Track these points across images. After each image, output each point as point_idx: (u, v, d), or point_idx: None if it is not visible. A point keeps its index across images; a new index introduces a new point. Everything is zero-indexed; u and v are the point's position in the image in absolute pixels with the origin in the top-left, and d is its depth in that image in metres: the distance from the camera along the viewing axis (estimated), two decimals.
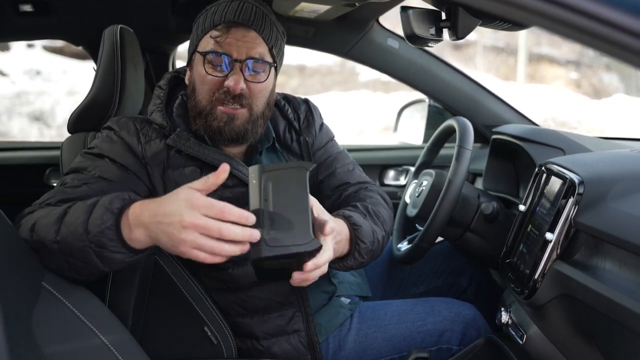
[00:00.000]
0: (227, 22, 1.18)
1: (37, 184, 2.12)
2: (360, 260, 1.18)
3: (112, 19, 1.54)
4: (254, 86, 1.20)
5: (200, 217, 0.87)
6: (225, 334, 1.26)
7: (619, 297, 0.86)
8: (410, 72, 2.08)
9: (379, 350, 1.33)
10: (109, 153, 1.18)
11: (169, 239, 0.89)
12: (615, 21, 0.56)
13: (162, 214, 0.90)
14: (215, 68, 1.19)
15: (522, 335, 1.21)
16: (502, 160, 1.75)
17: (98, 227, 0.92)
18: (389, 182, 2.34)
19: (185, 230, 0.87)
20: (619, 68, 10.55)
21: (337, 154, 1.45)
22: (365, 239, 1.17)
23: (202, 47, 1.21)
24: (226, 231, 0.87)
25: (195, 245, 0.87)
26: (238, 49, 1.17)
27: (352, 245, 1.17)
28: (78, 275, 0.97)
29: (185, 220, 0.87)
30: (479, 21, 1.06)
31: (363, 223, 1.18)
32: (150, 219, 0.91)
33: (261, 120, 1.26)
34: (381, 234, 1.24)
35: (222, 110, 1.20)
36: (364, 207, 1.27)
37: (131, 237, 0.93)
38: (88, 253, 0.93)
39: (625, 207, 0.97)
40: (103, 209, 0.93)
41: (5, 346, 0.65)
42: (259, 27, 1.19)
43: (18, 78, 8.71)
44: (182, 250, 0.89)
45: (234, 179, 1.23)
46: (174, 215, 0.88)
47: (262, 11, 1.21)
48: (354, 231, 1.16)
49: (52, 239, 0.95)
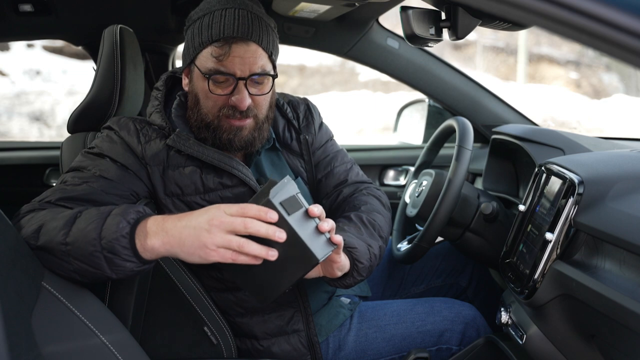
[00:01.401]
0: (226, 37, 1.15)
1: (37, 183, 2.12)
2: (359, 279, 1.18)
3: (112, 18, 1.54)
4: (258, 98, 1.21)
5: (226, 215, 0.92)
6: (225, 334, 1.26)
7: (618, 297, 0.86)
8: (410, 72, 2.08)
9: (378, 350, 1.33)
10: (110, 153, 1.18)
11: (195, 241, 0.92)
12: (615, 21, 0.57)
13: (189, 219, 0.95)
14: (219, 86, 1.18)
15: (522, 335, 1.21)
16: (502, 160, 1.75)
17: (113, 234, 0.93)
18: (388, 182, 2.34)
19: (212, 228, 0.91)
20: (618, 68, 10.55)
21: (336, 152, 1.45)
22: (362, 259, 1.16)
23: (202, 63, 1.18)
24: (250, 224, 0.91)
25: (220, 242, 0.91)
26: (241, 66, 1.16)
27: (350, 266, 1.16)
28: (82, 278, 0.98)
29: (213, 219, 0.92)
30: (479, 21, 1.06)
31: (358, 244, 1.17)
32: (175, 223, 0.94)
33: (266, 124, 1.26)
34: (377, 246, 1.23)
35: (231, 123, 1.20)
36: (358, 218, 1.26)
37: (146, 246, 0.94)
38: (98, 259, 0.93)
39: (625, 207, 0.97)
40: (120, 218, 0.94)
41: (5, 345, 0.65)
42: (258, 37, 1.17)
43: (18, 78, 8.71)
44: (207, 252, 0.92)
45: (233, 179, 1.24)
46: (201, 217, 0.93)
47: (257, 16, 1.19)
48: (349, 254, 1.15)
49: (60, 241, 0.95)
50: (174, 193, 1.22)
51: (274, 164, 1.36)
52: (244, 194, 1.25)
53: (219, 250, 0.92)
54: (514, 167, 1.74)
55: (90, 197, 1.10)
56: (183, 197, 1.23)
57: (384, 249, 1.27)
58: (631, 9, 0.56)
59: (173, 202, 1.23)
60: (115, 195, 1.13)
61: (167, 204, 1.23)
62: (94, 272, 0.95)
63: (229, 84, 1.17)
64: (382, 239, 1.27)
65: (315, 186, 1.42)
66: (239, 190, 1.24)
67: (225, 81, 1.17)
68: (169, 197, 1.22)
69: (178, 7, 1.95)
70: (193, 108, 1.24)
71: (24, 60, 8.88)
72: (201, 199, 1.23)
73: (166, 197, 1.22)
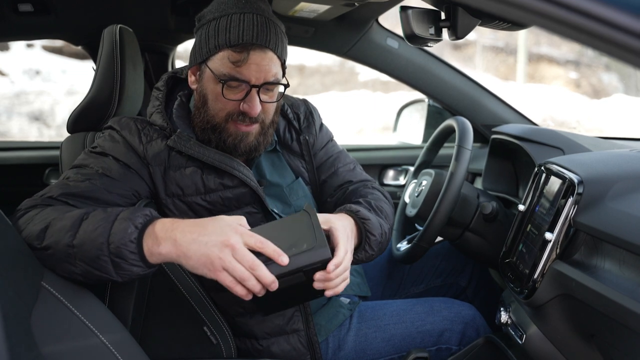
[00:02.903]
0: (245, 43, 1.14)
1: (36, 183, 2.12)
2: (371, 253, 1.20)
3: (112, 18, 1.54)
4: (267, 105, 1.21)
5: (242, 244, 0.94)
6: (225, 333, 1.26)
7: (618, 296, 0.86)
8: (409, 71, 2.08)
9: (378, 350, 1.33)
10: (112, 152, 1.18)
11: (203, 256, 0.93)
12: (614, 21, 0.57)
13: (200, 232, 0.94)
14: (232, 90, 1.17)
15: (521, 335, 1.21)
16: (502, 160, 1.75)
17: (121, 239, 0.93)
18: (388, 181, 2.34)
19: (225, 249, 0.92)
20: (618, 68, 10.55)
21: (338, 153, 1.45)
22: (375, 231, 1.19)
23: (217, 66, 1.17)
24: (257, 266, 0.93)
25: (228, 267, 0.92)
26: (257, 74, 1.15)
27: (361, 238, 1.18)
28: (86, 280, 0.97)
29: (229, 241, 0.93)
30: (478, 21, 1.06)
31: (370, 216, 1.20)
32: (185, 235, 0.94)
33: (271, 129, 1.27)
34: (387, 226, 1.26)
35: (238, 127, 1.20)
36: (367, 202, 1.29)
37: (153, 251, 0.95)
38: (105, 262, 0.94)
39: (625, 206, 0.97)
40: (128, 222, 0.94)
41: (5, 345, 0.65)
42: (275, 45, 1.17)
43: (17, 78, 8.71)
44: (212, 271, 0.93)
45: (234, 179, 1.24)
46: (215, 235, 0.94)
47: (273, 22, 1.18)
48: (362, 224, 1.18)
49: (67, 243, 0.94)
50: (174, 193, 1.22)
51: (275, 165, 1.36)
52: (245, 195, 1.25)
53: (223, 272, 0.93)
54: (514, 167, 1.74)
55: (93, 195, 1.10)
56: (184, 197, 1.23)
57: (390, 233, 1.29)
58: (630, 8, 0.56)
59: (174, 203, 1.23)
60: (117, 194, 1.13)
61: (168, 204, 1.23)
62: (99, 275, 0.95)
63: (242, 89, 1.17)
64: (389, 225, 1.29)
65: (318, 187, 1.42)
66: (239, 191, 1.24)
67: (238, 86, 1.17)
68: (169, 198, 1.23)
69: (178, 7, 1.95)
70: (200, 108, 1.23)
71: (23, 60, 8.88)
72: (202, 199, 1.23)
73: (167, 197, 1.22)
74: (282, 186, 1.35)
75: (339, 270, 1.01)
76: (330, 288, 1.02)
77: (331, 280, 1.01)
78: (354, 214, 1.19)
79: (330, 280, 1.01)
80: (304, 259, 0.98)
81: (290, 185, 1.36)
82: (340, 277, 1.03)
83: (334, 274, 1.00)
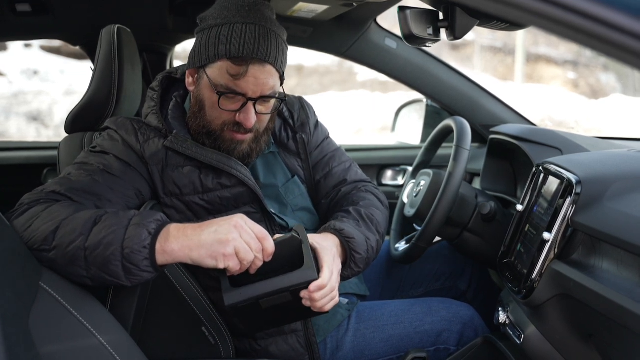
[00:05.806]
0: (245, 57, 1.13)
1: (34, 183, 2.10)
2: (357, 270, 1.21)
3: (110, 18, 1.53)
4: (263, 115, 1.22)
5: (249, 228, 0.98)
6: (223, 334, 1.25)
7: (616, 296, 0.86)
8: (408, 71, 2.08)
9: (376, 351, 1.33)
10: (112, 150, 1.19)
11: (215, 237, 0.95)
12: (612, 21, 0.57)
13: (210, 224, 0.99)
14: (229, 101, 1.18)
15: (519, 335, 1.21)
16: (500, 160, 1.75)
17: (136, 245, 0.93)
18: (386, 182, 2.34)
19: (234, 229, 0.96)
20: (616, 68, 10.56)
21: (334, 152, 1.45)
22: (360, 249, 1.19)
23: (215, 75, 1.17)
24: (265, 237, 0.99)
25: (236, 245, 0.95)
26: (254, 87, 1.16)
27: (347, 257, 1.19)
28: (93, 284, 0.97)
29: (237, 224, 0.97)
30: (477, 21, 1.06)
31: (356, 234, 1.20)
32: (195, 230, 0.98)
33: (265, 136, 1.28)
34: (375, 239, 1.26)
35: (233, 135, 1.22)
36: (356, 212, 1.28)
37: (165, 248, 0.95)
38: (116, 267, 0.94)
39: (623, 206, 0.97)
40: (142, 229, 0.95)
41: (3, 346, 0.65)
42: (275, 59, 1.17)
43: (15, 78, 8.69)
44: (223, 252, 0.95)
45: (232, 179, 1.24)
46: (224, 222, 0.98)
47: (275, 33, 1.17)
48: (347, 244, 1.18)
49: (79, 246, 0.94)
50: (172, 193, 1.22)
51: (269, 166, 1.36)
52: (243, 195, 1.25)
53: (229, 255, 0.95)
54: (512, 167, 1.74)
55: (96, 191, 1.09)
56: (182, 196, 1.23)
57: (381, 243, 1.29)
58: (628, 8, 0.56)
59: (172, 202, 1.23)
60: (120, 192, 1.13)
61: (167, 203, 1.23)
62: (108, 280, 0.95)
63: (238, 100, 1.18)
64: (379, 234, 1.29)
65: (314, 186, 1.42)
66: (237, 190, 1.24)
67: (234, 98, 1.17)
68: (168, 197, 1.23)
69: (176, 7, 1.95)
70: (197, 113, 1.23)
71: (21, 60, 8.86)
72: (200, 199, 1.23)
73: (165, 196, 1.22)
74: (278, 186, 1.35)
75: (324, 291, 1.02)
76: (317, 308, 1.04)
77: (316, 301, 1.02)
78: (339, 232, 1.19)
79: (315, 300, 1.02)
80: (289, 280, 1.00)
81: (286, 184, 1.36)
82: (328, 297, 1.04)
83: (319, 294, 1.02)
